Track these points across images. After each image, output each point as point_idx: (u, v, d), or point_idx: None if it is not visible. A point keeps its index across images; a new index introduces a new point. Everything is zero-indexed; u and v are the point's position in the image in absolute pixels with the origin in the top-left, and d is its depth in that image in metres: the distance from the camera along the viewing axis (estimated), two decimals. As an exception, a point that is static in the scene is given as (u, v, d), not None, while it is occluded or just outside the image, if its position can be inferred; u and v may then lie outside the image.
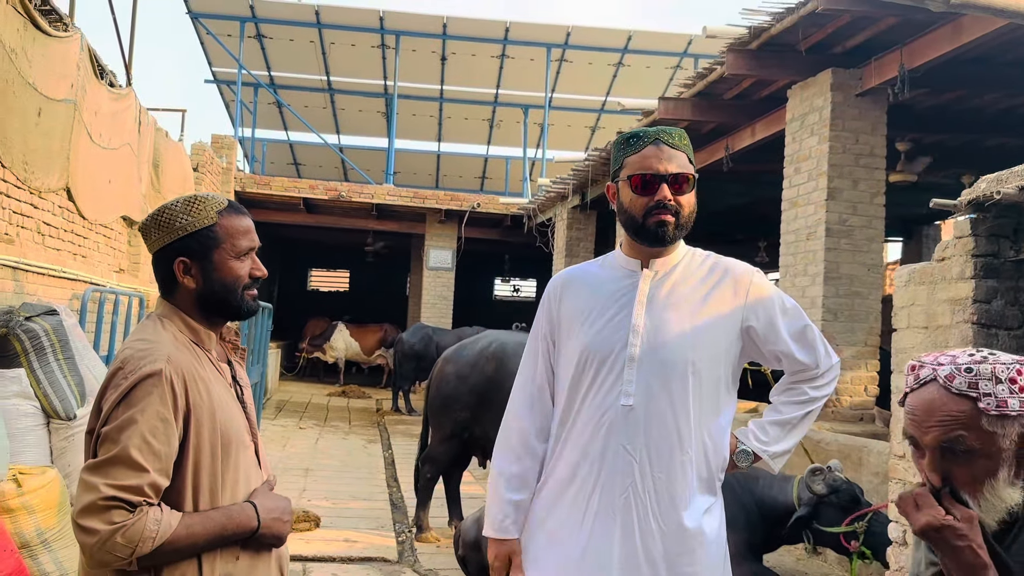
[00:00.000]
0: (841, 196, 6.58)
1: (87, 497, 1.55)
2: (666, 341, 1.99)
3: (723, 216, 13.55)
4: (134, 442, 1.57)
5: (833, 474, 4.43)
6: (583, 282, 2.14)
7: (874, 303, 6.65)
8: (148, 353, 1.65)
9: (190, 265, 1.75)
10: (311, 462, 8.57)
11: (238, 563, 1.70)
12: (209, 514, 1.66)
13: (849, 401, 6.56)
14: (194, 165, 11.91)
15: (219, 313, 1.81)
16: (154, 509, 1.58)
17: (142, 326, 1.78)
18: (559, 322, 2.12)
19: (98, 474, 1.56)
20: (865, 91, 6.52)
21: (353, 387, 16.43)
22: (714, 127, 8.64)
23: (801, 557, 5.19)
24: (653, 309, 2.02)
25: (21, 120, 5.37)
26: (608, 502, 1.97)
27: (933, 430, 1.41)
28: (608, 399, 1.99)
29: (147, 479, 1.57)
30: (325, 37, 17.04)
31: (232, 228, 1.78)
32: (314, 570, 4.99)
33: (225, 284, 1.77)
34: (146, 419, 1.59)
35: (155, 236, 1.77)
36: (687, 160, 2.07)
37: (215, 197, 1.81)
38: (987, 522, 1.39)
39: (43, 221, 6.07)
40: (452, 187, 21.37)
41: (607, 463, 1.98)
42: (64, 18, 6.31)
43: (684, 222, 2.07)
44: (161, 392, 1.62)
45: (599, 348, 2.01)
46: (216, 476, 1.69)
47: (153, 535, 1.56)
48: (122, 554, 1.55)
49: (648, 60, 17.63)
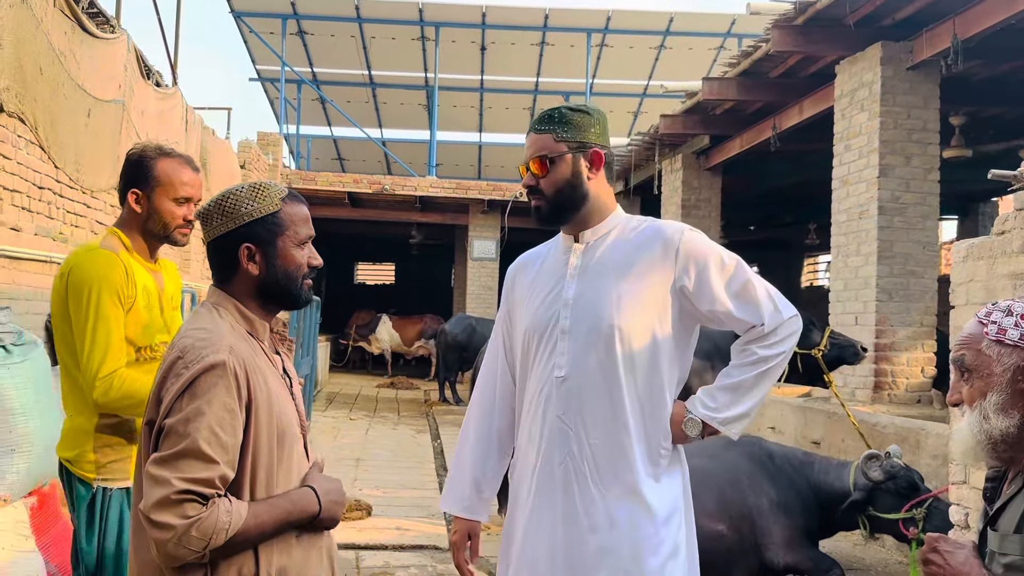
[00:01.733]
0: (893, 173, 6.42)
1: (159, 492, 1.53)
2: (592, 310, 2.03)
3: (771, 199, 13.34)
4: (203, 434, 1.56)
5: (891, 460, 4.33)
6: (531, 264, 2.23)
7: (930, 282, 6.48)
8: (210, 343, 1.64)
9: (255, 251, 1.74)
10: (362, 452, 8.66)
11: (292, 555, 1.69)
12: (274, 501, 1.66)
13: (906, 383, 6.40)
14: (241, 162, 12.08)
15: (277, 301, 1.80)
16: (223, 500, 1.57)
17: (197, 315, 1.76)
18: (512, 305, 2.22)
19: (168, 468, 1.54)
20: (916, 64, 6.33)
21: (401, 378, 16.56)
22: (760, 106, 8.49)
23: (858, 543, 5.09)
24: (584, 280, 2.07)
25: (72, 121, 5.49)
26: (548, 472, 2.04)
27: (953, 349, 1.65)
28: (544, 372, 2.06)
29: (218, 471, 1.56)
30: (366, 31, 17.13)
31: (294, 216, 1.78)
32: (366, 558, 5.04)
33: (288, 271, 1.77)
34: (213, 410, 1.58)
35: (218, 222, 1.76)
36: (551, 140, 2.08)
37: (277, 185, 1.81)
38: (987, 461, 1.58)
39: (96, 220, 6.20)
40: (494, 177, 21.37)
41: (546, 435, 2.05)
42: (111, 20, 6.43)
43: (554, 200, 2.09)
44: (227, 383, 1.60)
45: (537, 324, 2.09)
46: (272, 467, 1.68)
47: (226, 526, 1.55)
48: (197, 547, 1.53)
49: (691, 41, 17.39)
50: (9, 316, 3.42)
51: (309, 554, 1.73)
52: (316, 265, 1.82)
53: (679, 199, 10.69)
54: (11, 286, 4.49)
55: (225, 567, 1.60)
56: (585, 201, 2.09)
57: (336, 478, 1.84)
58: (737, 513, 4.20)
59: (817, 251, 17.78)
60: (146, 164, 2.36)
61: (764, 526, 4.23)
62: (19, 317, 4.09)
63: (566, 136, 2.08)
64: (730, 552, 4.11)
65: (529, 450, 2.10)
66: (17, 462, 3.13)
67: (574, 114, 2.10)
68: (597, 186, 2.10)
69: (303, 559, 1.71)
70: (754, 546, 4.22)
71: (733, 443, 4.61)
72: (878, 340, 6.39)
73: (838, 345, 5.00)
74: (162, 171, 2.36)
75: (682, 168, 10.61)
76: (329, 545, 1.82)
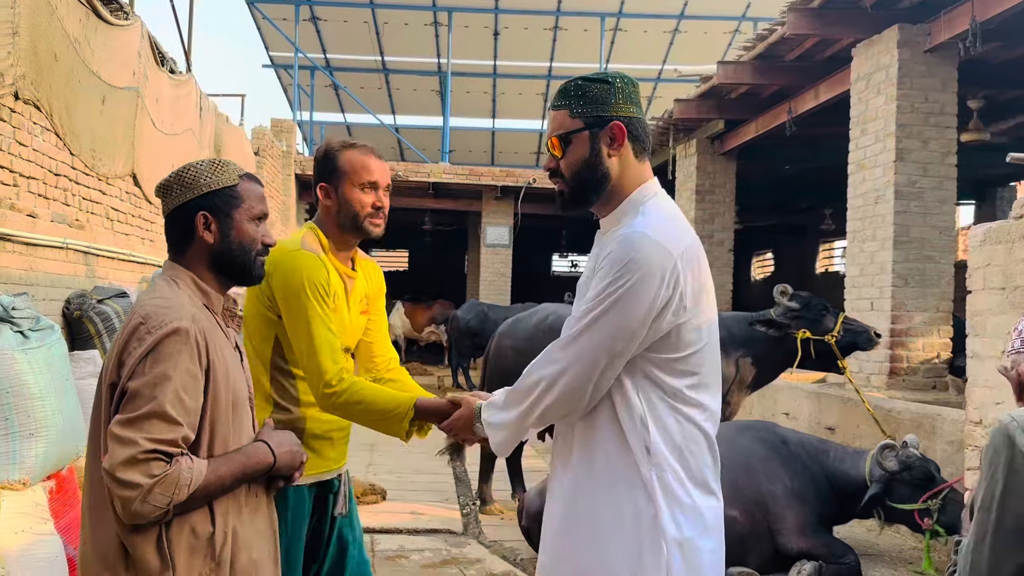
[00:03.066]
0: (910, 157, 6.36)
1: (126, 451, 1.59)
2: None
3: (787, 184, 13.25)
4: (168, 397, 1.62)
5: (907, 450, 4.31)
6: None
7: (946, 267, 6.43)
8: (171, 310, 1.70)
9: (210, 220, 1.82)
10: (376, 437, 8.66)
11: (242, 516, 1.77)
12: (230, 455, 1.74)
13: (921, 369, 6.36)
14: (255, 149, 12.11)
15: (230, 274, 1.87)
16: (185, 458, 1.64)
17: (155, 285, 1.82)
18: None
19: (134, 429, 1.60)
20: (934, 47, 6.26)
21: (415, 364, 16.61)
22: (776, 90, 8.42)
23: (872, 528, 5.08)
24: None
25: (86, 108, 5.51)
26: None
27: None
28: None
29: (181, 432, 1.63)
30: (378, 17, 17.08)
31: (250, 192, 1.87)
32: (381, 541, 5.07)
33: (242, 243, 1.85)
34: (178, 374, 1.65)
35: (177, 192, 1.84)
36: (567, 116, 1.88)
37: (234, 164, 1.90)
38: None
39: (111, 207, 6.23)
40: (507, 163, 21.33)
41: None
42: (124, 7, 6.44)
43: (573, 183, 1.90)
44: (190, 349, 1.67)
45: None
46: (228, 431, 1.76)
47: (188, 482, 1.62)
48: (161, 504, 1.60)
49: (705, 25, 17.25)
50: (27, 302, 3.45)
51: (255, 518, 1.81)
52: (269, 244, 1.90)
53: (693, 184, 10.63)
54: (28, 272, 4.53)
55: (178, 525, 1.67)
56: (606, 182, 1.88)
57: (288, 431, 1.93)
58: (751, 499, 4.20)
59: (833, 237, 17.66)
60: (331, 156, 2.39)
61: (778, 512, 4.23)
62: (36, 303, 4.13)
63: (582, 110, 1.86)
64: (743, 538, 4.12)
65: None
66: (35, 446, 3.16)
67: (591, 85, 1.87)
68: (620, 164, 1.87)
69: (250, 521, 1.79)
70: (767, 532, 4.22)
71: (747, 428, 4.62)
72: (894, 326, 6.35)
73: (852, 331, 4.98)
74: (346, 160, 2.38)
75: (697, 153, 10.54)
76: (271, 516, 1.89)
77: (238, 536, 1.75)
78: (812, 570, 4.14)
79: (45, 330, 3.43)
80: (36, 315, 3.44)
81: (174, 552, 1.65)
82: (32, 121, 4.75)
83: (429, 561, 4.76)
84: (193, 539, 1.68)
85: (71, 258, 5.16)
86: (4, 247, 4.24)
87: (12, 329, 3.26)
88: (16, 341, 3.24)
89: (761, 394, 6.92)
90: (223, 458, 1.72)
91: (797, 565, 4.19)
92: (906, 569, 4.63)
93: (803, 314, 4.91)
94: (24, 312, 3.36)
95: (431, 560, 4.78)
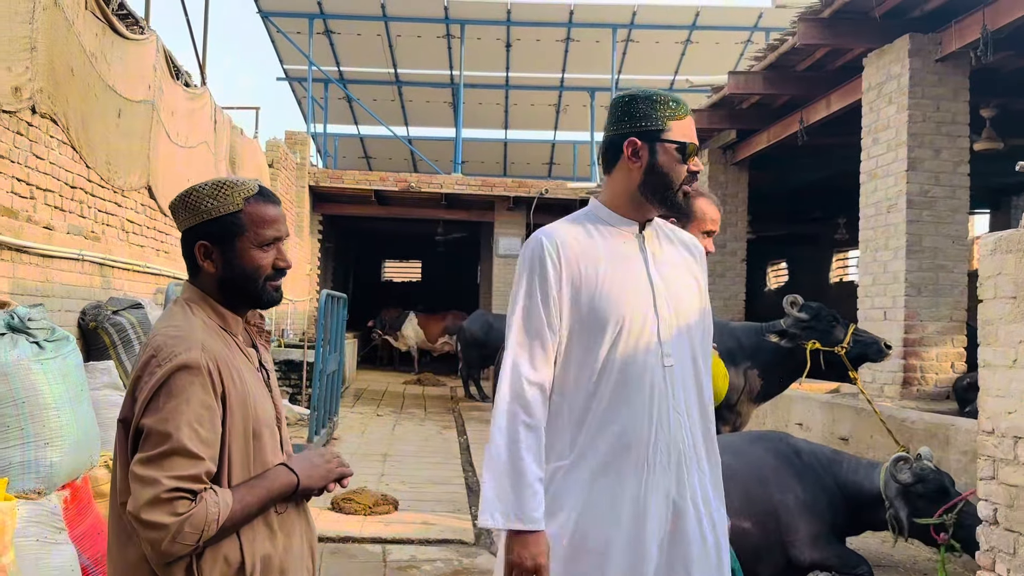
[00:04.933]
0: (922, 166, 6.34)
1: (149, 492, 1.54)
2: (680, 300, 2.07)
3: (799, 193, 13.22)
4: (185, 432, 1.57)
5: (921, 463, 4.28)
6: (583, 242, 2.04)
7: (959, 276, 6.39)
8: (181, 340, 1.64)
9: (211, 249, 1.74)
10: (388, 448, 8.72)
11: (275, 543, 1.71)
12: (252, 483, 1.68)
13: (935, 379, 6.32)
14: (269, 161, 12.20)
15: (240, 300, 1.79)
16: (210, 492, 1.60)
17: (170, 312, 1.76)
18: (564, 285, 2.00)
19: (155, 468, 1.56)
20: (945, 56, 6.25)
21: (428, 375, 16.63)
22: (787, 100, 8.42)
23: (887, 539, 5.04)
24: (658, 270, 2.08)
25: (103, 122, 5.58)
26: (660, 459, 1.98)
27: None
28: (645, 359, 1.99)
29: (203, 467, 1.59)
30: (391, 30, 17.20)
31: (258, 217, 1.74)
32: (393, 551, 5.08)
33: (245, 273, 1.74)
34: (192, 408, 1.59)
35: (182, 216, 1.76)
36: None
37: (245, 183, 1.76)
38: None
39: (127, 219, 6.30)
40: (520, 174, 21.37)
41: (655, 422, 1.99)
42: (140, 21, 6.52)
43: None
44: (202, 380, 1.61)
45: (632, 311, 2.00)
46: (248, 459, 1.69)
47: (216, 517, 1.58)
48: (191, 541, 1.56)
49: (717, 36, 17.27)
50: (43, 313, 3.50)
51: (291, 541, 1.75)
52: (283, 267, 1.77)
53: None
54: (44, 283, 4.58)
55: (211, 555, 1.62)
56: None
57: (320, 448, 1.86)
58: (762, 510, 4.18)
59: (847, 246, 17.58)
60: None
61: (790, 523, 4.21)
62: (52, 314, 4.18)
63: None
64: (755, 549, 4.10)
65: (621, 442, 1.97)
66: (51, 455, 3.20)
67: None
68: None
69: (285, 546, 1.73)
70: (779, 543, 4.20)
71: (759, 439, 4.60)
72: (907, 335, 6.32)
73: (862, 342, 4.95)
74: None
75: (708, 163, 10.54)
76: (310, 536, 1.84)
77: (271, 562, 1.70)
78: (825, 581, 4.12)
79: (60, 341, 3.46)
80: (52, 326, 3.48)
81: None
82: (48, 134, 4.82)
83: (440, 571, 4.77)
84: (226, 567, 1.64)
85: (87, 269, 5.22)
86: (21, 259, 4.29)
87: (28, 340, 3.30)
88: (32, 352, 3.28)
89: (774, 404, 6.89)
90: (245, 486, 1.66)
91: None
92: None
93: (813, 324, 4.88)
94: (40, 323, 3.40)
95: (442, 570, 4.79)
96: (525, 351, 1.98)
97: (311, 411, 7.83)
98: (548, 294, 1.99)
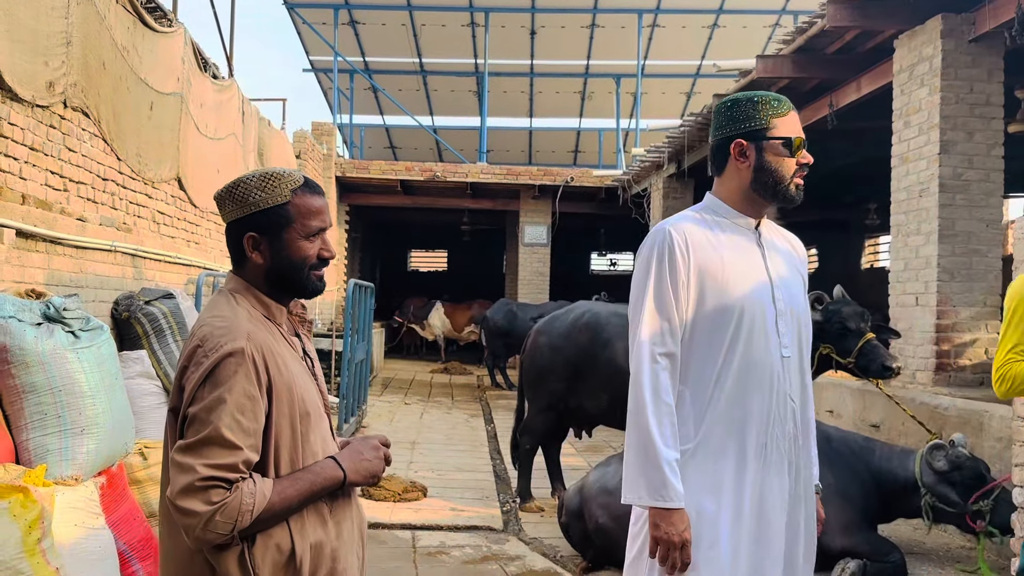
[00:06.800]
0: (955, 149, 6.23)
1: (185, 479, 1.57)
2: (793, 293, 2.18)
3: (830, 178, 13.04)
4: (224, 421, 1.59)
5: (956, 450, 4.24)
6: (706, 233, 2.16)
7: (994, 261, 6.28)
8: (227, 331, 1.66)
9: (259, 241, 1.76)
10: (417, 436, 8.78)
11: (327, 529, 1.73)
12: (296, 475, 1.69)
13: (969, 364, 6.23)
14: (296, 153, 12.28)
15: (285, 290, 1.81)
16: (247, 482, 1.61)
17: (214, 302, 1.78)
18: (691, 274, 2.10)
19: (192, 455, 1.58)
20: (979, 36, 6.12)
21: (455, 364, 16.70)
22: (816, 84, 8.31)
23: (919, 527, 4.99)
24: (773, 263, 2.19)
25: (134, 115, 5.65)
26: (776, 449, 2.09)
27: None
28: (766, 351, 2.09)
29: (241, 456, 1.60)
30: (416, 19, 17.21)
31: (305, 208, 1.77)
32: (422, 537, 5.12)
33: (293, 263, 1.77)
34: (234, 397, 1.61)
35: (229, 208, 1.78)
36: None
37: (291, 174, 1.79)
38: None
39: (157, 210, 6.38)
40: (545, 162, 21.33)
41: (773, 413, 2.09)
42: (168, 14, 6.58)
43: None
44: (246, 370, 1.63)
45: (755, 303, 2.11)
46: (296, 449, 1.71)
47: (250, 508, 1.59)
48: (224, 531, 1.58)
49: (744, 19, 17.08)
50: (77, 303, 3.56)
51: (341, 528, 1.77)
52: (327, 257, 1.80)
53: (733, 181, 10.50)
54: (78, 274, 4.66)
55: (263, 542, 1.65)
56: None
57: (369, 438, 1.87)
58: (792, 496, 4.16)
59: (878, 232, 17.35)
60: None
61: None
62: (86, 304, 4.25)
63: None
64: (785, 535, 4.08)
65: (743, 428, 2.07)
66: (87, 442, 3.25)
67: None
68: None
69: (336, 533, 1.75)
70: (810, 529, 4.18)
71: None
72: (939, 321, 6.23)
73: (866, 358, 4.63)
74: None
75: (736, 149, 10.44)
76: (360, 522, 1.86)
77: (323, 549, 1.72)
78: (856, 568, 4.09)
79: (95, 330, 3.52)
80: (86, 315, 3.54)
81: (258, 570, 1.63)
82: (80, 127, 4.89)
83: (470, 557, 4.80)
84: (278, 555, 1.65)
85: (119, 260, 5.30)
86: (55, 250, 4.36)
87: (64, 329, 3.36)
88: (67, 341, 3.34)
89: (803, 391, 6.83)
90: (289, 479, 1.67)
91: (841, 563, 4.15)
92: (954, 568, 4.55)
93: (825, 328, 4.66)
94: (75, 313, 3.46)
95: (472, 556, 4.82)
96: (659, 333, 2.08)
97: (340, 399, 7.90)
98: (677, 279, 2.09)
